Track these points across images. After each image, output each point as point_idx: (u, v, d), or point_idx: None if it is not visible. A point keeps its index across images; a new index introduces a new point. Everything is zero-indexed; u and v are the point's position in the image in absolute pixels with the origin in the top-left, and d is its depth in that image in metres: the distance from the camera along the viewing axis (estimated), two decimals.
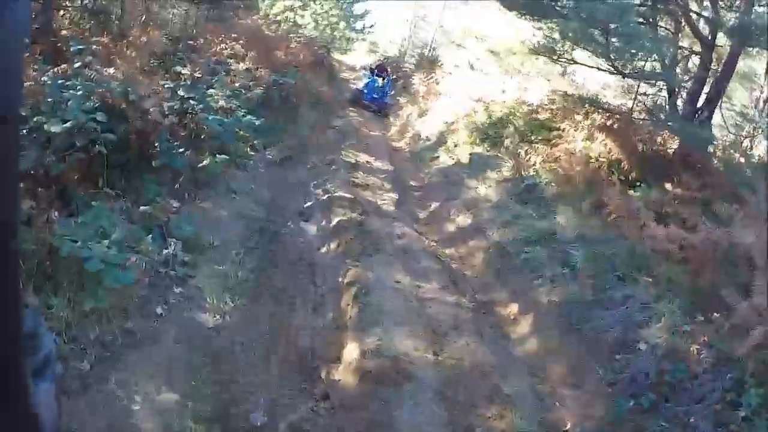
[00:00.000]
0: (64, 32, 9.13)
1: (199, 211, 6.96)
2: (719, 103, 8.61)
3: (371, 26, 23.58)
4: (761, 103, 10.09)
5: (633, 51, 7.74)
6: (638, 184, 8.18)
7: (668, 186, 7.41)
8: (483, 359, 5.70)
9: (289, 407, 4.88)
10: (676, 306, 5.80)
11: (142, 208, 6.02)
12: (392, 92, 19.82)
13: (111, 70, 7.50)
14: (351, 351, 5.54)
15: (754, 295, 5.04)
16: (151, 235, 5.72)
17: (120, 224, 5.32)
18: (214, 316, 5.32)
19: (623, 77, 8.75)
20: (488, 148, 11.35)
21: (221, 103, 9.02)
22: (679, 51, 8.95)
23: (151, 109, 6.84)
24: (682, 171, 7.66)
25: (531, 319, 6.68)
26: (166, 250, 5.77)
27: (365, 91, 18.41)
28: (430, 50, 22.11)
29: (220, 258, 6.26)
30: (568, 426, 5.36)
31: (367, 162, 11.99)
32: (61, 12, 10.16)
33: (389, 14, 22.87)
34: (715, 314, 5.54)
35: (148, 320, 4.91)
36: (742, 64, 10.68)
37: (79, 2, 10.98)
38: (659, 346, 5.51)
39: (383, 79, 18.92)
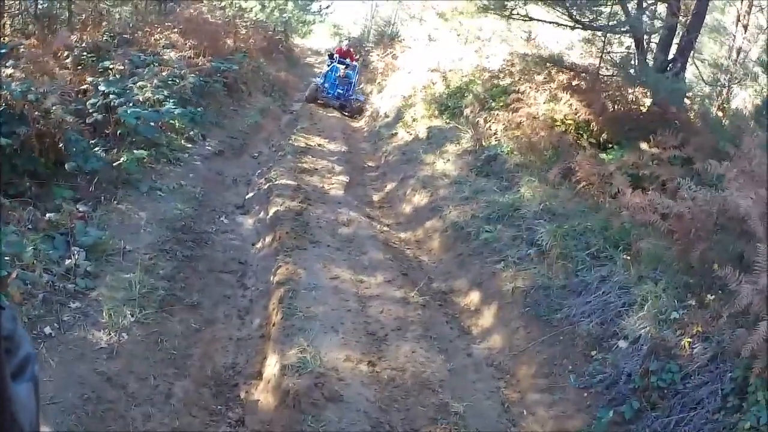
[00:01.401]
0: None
1: (114, 214, 6.08)
2: (692, 54, 7.54)
3: (327, 7, 22.24)
4: (735, 53, 9.07)
5: None
6: (610, 146, 7.08)
7: (644, 146, 6.29)
8: (429, 369, 4.67)
9: None
10: (661, 288, 4.71)
11: (47, 215, 5.34)
12: (359, 83, 16.66)
13: (10, 71, 6.81)
14: (271, 366, 4.62)
15: (759, 275, 3.90)
16: (53, 245, 5.08)
17: (11, 236, 4.69)
18: (109, 334, 4.35)
19: (584, 29, 7.63)
20: (447, 120, 10.34)
21: (148, 94, 8.01)
22: None
23: (53, 108, 6.11)
24: (659, 128, 6.54)
25: (494, 309, 5.72)
26: (68, 260, 4.96)
27: (325, 85, 15.33)
28: (391, 27, 20.90)
29: (129, 265, 5.30)
30: None
31: (319, 145, 10.98)
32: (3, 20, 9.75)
33: None
34: (709, 296, 4.45)
35: (35, 344, 3.93)
36: (710, 18, 9.80)
37: (20, 7, 10.65)
38: (643, 340, 4.43)
39: (345, 67, 15.70)
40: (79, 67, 8.58)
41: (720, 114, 7.08)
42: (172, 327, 4.87)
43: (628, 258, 5.12)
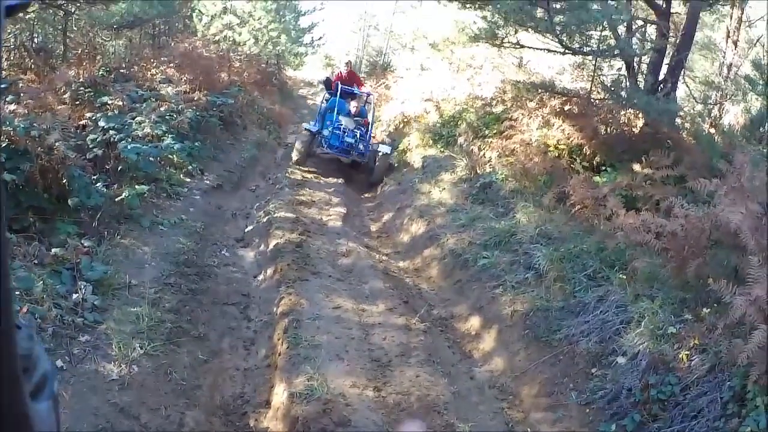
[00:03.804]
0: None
1: (118, 249, 6.18)
2: (682, 74, 7.80)
3: (320, 39, 22.51)
4: (725, 69, 9.34)
5: (578, 22, 6.88)
6: (603, 168, 7.30)
7: (636, 167, 6.52)
8: (433, 392, 4.79)
9: None
10: (657, 305, 4.90)
11: (53, 250, 5.42)
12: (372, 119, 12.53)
13: (13, 106, 6.90)
14: (279, 394, 4.73)
15: (752, 287, 4.12)
16: (60, 280, 5.12)
17: (19, 271, 4.69)
18: (119, 366, 4.45)
19: (574, 54, 7.89)
20: (442, 149, 10.56)
21: (146, 130, 8.20)
22: (633, 21, 8.13)
23: (56, 144, 6.18)
24: (651, 149, 6.78)
25: (494, 333, 5.87)
26: (76, 295, 5.05)
27: (325, 133, 11.40)
28: (383, 57, 21.16)
29: (135, 299, 5.41)
30: None
31: (316, 177, 11.06)
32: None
33: (341, 24, 22.05)
34: (704, 310, 4.66)
35: None
36: (700, 35, 10.06)
37: (15, 41, 10.90)
38: (642, 355, 4.61)
39: (354, 98, 12.09)
40: (77, 103, 8.75)
41: (712, 131, 7.30)
42: (180, 358, 4.97)
43: (624, 277, 5.30)
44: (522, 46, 8.37)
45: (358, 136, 11.54)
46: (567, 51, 7.55)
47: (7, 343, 0.68)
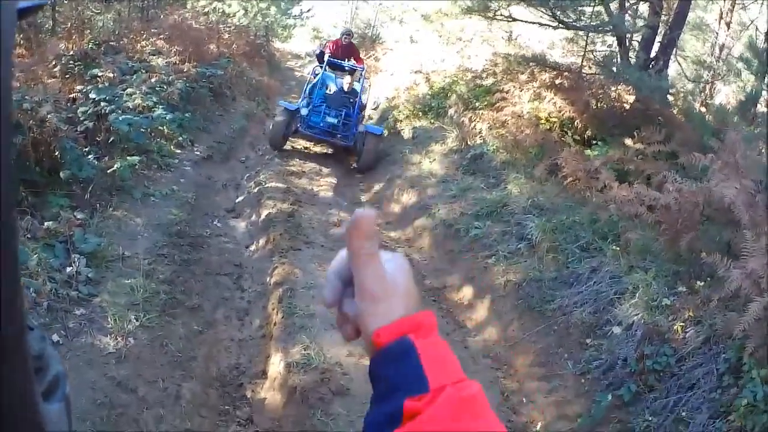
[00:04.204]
0: None
1: (111, 220, 6.04)
2: (674, 52, 7.72)
3: (308, 10, 22.10)
4: (717, 50, 9.27)
5: None
6: (594, 142, 7.23)
7: (628, 141, 6.45)
8: None
9: None
10: (651, 276, 4.86)
11: (45, 224, 5.24)
12: (366, 100, 11.35)
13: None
14: (275, 364, 4.68)
15: (747, 260, 4.07)
16: (53, 253, 5.00)
17: None
18: (116, 339, 4.36)
19: (568, 29, 7.77)
20: (432, 120, 10.40)
21: (137, 101, 8.01)
22: None
23: (48, 116, 5.99)
24: (642, 124, 6.71)
25: (487, 303, 5.84)
26: (69, 268, 4.92)
27: (303, 113, 10.13)
28: (372, 29, 20.83)
29: (129, 271, 5.30)
30: (539, 426, 4.51)
31: (305, 148, 10.93)
32: None
33: None
34: (698, 283, 4.63)
35: None
36: (692, 15, 9.99)
37: None
38: (636, 326, 4.58)
39: (349, 73, 11.01)
40: (67, 76, 8.49)
41: (703, 110, 7.24)
42: (176, 330, 4.88)
43: (618, 249, 5.26)
44: (514, 19, 8.24)
45: (342, 116, 10.25)
46: (560, 25, 7.44)
47: (20, 345, 0.65)
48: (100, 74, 8.50)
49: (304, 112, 10.25)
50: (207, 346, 4.95)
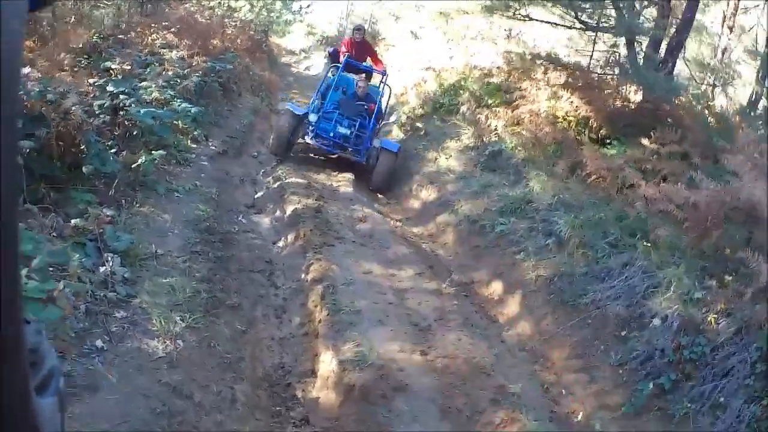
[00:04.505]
0: None
1: (138, 217, 5.85)
2: (682, 54, 7.88)
3: (308, 6, 22.00)
4: (720, 53, 9.46)
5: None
6: (608, 141, 7.36)
7: (645, 141, 6.58)
8: (478, 354, 4.86)
9: None
10: (682, 271, 4.99)
11: (72, 221, 4.95)
12: (385, 109, 10.21)
13: (26, 70, 6.48)
14: (326, 362, 4.64)
15: None
16: (84, 252, 4.67)
17: (45, 246, 4.19)
18: (164, 343, 4.17)
19: (585, 29, 7.89)
20: (443, 117, 10.44)
21: (155, 94, 7.98)
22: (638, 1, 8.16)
23: (73, 108, 5.75)
24: (653, 124, 6.86)
25: (518, 298, 5.95)
26: (103, 268, 4.66)
27: (311, 119, 9.12)
28: (369, 25, 20.80)
29: (165, 269, 5.16)
30: (580, 417, 4.63)
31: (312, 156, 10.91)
32: None
33: None
34: (727, 277, 4.79)
35: (88, 359, 3.77)
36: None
37: None
38: (671, 318, 4.73)
39: (365, 76, 10.02)
40: (75, 69, 8.36)
41: (706, 112, 7.40)
42: (221, 330, 4.78)
43: (648, 245, 5.41)
44: (531, 19, 8.34)
45: (357, 126, 9.07)
46: (576, 25, 7.55)
47: (18, 344, 0.67)
48: (114, 67, 8.44)
49: (313, 118, 9.14)
50: (251, 345, 4.89)
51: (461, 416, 4.19)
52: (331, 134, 9.08)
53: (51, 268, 4.12)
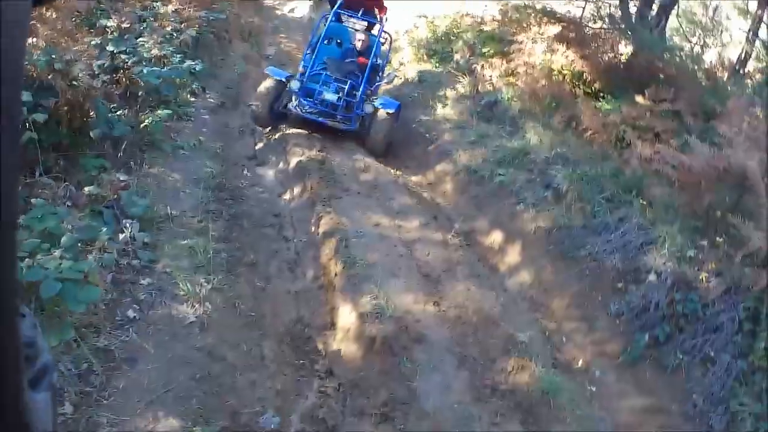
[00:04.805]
0: None
1: (149, 179, 5.90)
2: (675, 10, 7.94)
3: None
4: (711, 11, 9.52)
5: None
6: (602, 95, 7.49)
7: (639, 99, 6.72)
8: (486, 304, 5.10)
9: (295, 394, 4.18)
10: (675, 230, 5.26)
11: (86, 189, 4.94)
12: (386, 69, 9.03)
13: (31, 40, 6.33)
14: (346, 315, 4.82)
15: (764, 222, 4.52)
16: (103, 221, 4.74)
17: (67, 220, 4.25)
18: (193, 306, 4.28)
19: None
20: (437, 65, 10.43)
21: (154, 51, 7.85)
22: None
23: (80, 75, 5.72)
24: (645, 81, 6.99)
25: (518, 248, 6.12)
26: (122, 234, 4.72)
27: (293, 86, 8.03)
28: None
29: (182, 231, 5.24)
30: (580, 364, 4.90)
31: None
32: None
33: None
34: (718, 238, 5.07)
35: (123, 330, 3.94)
36: None
37: None
38: (666, 274, 5.00)
39: (365, 27, 8.87)
40: (76, 34, 7.93)
41: (697, 69, 7.51)
42: (243, 288, 4.94)
43: (643, 203, 5.64)
44: None
45: (346, 90, 7.95)
46: None
47: (11, 332, 0.66)
48: (109, 24, 8.21)
49: (294, 86, 8.01)
50: (270, 301, 5.03)
51: (476, 364, 4.41)
52: (316, 101, 8.00)
53: (79, 244, 4.17)
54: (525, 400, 4.17)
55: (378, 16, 8.99)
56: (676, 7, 8.59)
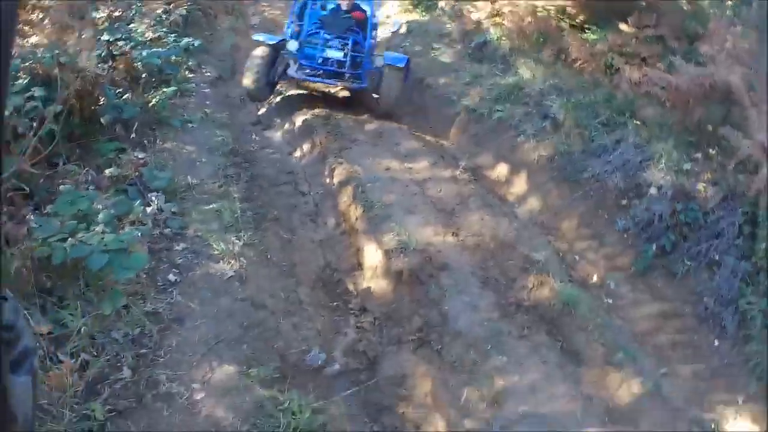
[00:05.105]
0: None
1: (165, 153, 6.03)
2: None
3: None
4: None
5: None
6: (587, 27, 7.58)
7: (623, 27, 6.82)
8: (501, 231, 5.34)
9: (334, 332, 4.46)
10: (670, 146, 5.47)
11: (107, 171, 5.10)
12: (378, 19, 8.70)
13: (33, 39, 6.58)
14: (371, 254, 5.07)
15: (754, 133, 4.71)
16: (128, 197, 4.82)
17: (96, 201, 4.39)
18: (229, 263, 4.47)
19: None
20: (423, 13, 10.47)
21: (149, 34, 7.91)
22: None
23: (87, 64, 5.82)
24: (627, 9, 7.05)
25: (524, 177, 6.34)
26: (150, 208, 4.86)
27: (290, 48, 7.47)
28: None
29: (205, 197, 5.41)
30: (595, 279, 5.14)
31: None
32: None
33: None
34: (711, 151, 5.28)
35: (167, 294, 4.13)
36: None
37: None
38: (666, 187, 5.22)
39: None
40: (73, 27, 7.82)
41: None
42: (271, 242, 5.18)
43: (638, 123, 5.82)
44: None
45: (350, 46, 7.43)
46: None
47: None
48: (99, 16, 8.33)
49: (292, 46, 7.39)
50: (298, 251, 5.28)
51: (498, 284, 4.69)
52: (320, 61, 7.45)
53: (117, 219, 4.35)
54: (548, 313, 4.44)
55: None
56: None
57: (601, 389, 3.96)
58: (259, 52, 7.54)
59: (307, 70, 7.54)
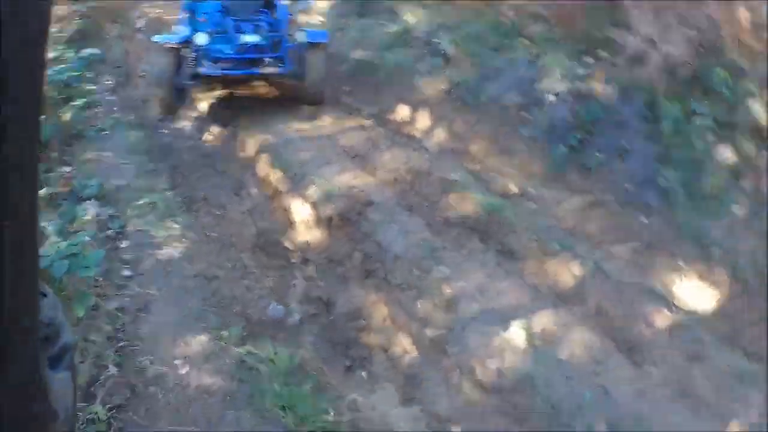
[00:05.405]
0: None
1: (88, 164, 5.96)
2: None
3: None
4: None
5: None
6: None
7: None
8: (415, 163, 5.50)
9: (284, 287, 4.54)
10: (562, 56, 5.70)
11: (40, 192, 4.96)
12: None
13: None
14: (299, 209, 5.20)
15: (638, 28, 5.03)
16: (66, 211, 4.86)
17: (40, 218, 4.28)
18: (173, 246, 4.58)
19: None
20: None
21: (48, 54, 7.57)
22: None
23: None
24: None
25: (427, 113, 6.44)
26: (87, 216, 4.84)
27: (199, 42, 6.36)
28: None
29: (135, 194, 5.38)
30: (514, 189, 5.29)
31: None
32: None
33: None
34: (602, 53, 5.51)
35: (127, 289, 4.12)
36: None
37: None
38: (564, 93, 5.46)
39: None
40: None
41: None
42: (207, 221, 5.25)
43: (527, 42, 6.05)
44: None
45: (266, 28, 6.62)
46: None
47: (31, 312, 0.65)
48: None
49: (201, 39, 6.35)
50: (231, 224, 5.31)
51: (423, 208, 4.88)
52: (237, 49, 6.55)
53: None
54: (476, 224, 4.63)
55: None
56: None
57: (544, 277, 4.18)
58: (162, 59, 6.55)
59: (224, 63, 6.60)
